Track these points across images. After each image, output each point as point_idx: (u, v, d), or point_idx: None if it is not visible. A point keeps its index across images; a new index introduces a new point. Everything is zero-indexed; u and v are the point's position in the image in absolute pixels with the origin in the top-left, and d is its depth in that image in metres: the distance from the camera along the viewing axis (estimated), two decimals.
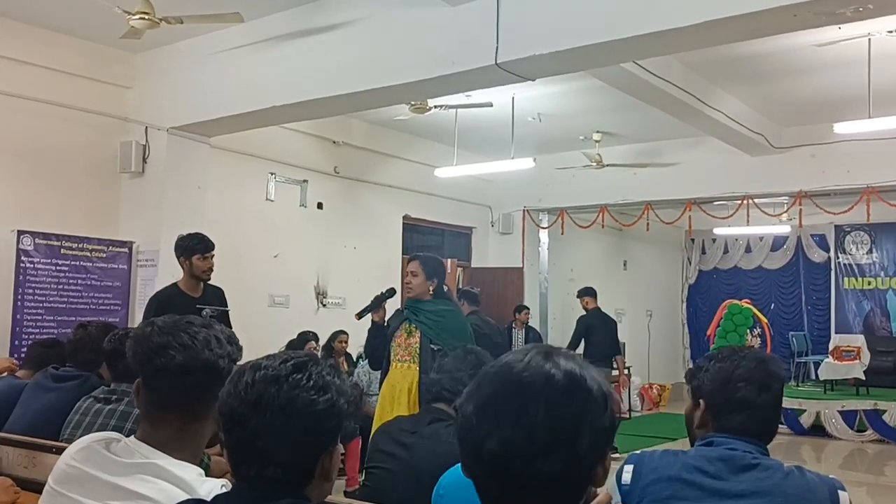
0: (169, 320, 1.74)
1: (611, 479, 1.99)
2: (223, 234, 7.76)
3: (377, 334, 4.70)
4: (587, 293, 9.67)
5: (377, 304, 4.68)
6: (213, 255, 5.02)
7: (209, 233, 7.30)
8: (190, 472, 1.58)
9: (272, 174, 8.64)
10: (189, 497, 1.49)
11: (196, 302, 4.85)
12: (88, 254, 6.78)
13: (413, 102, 7.75)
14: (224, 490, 1.49)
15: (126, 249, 7.05)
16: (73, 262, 6.68)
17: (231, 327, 3.17)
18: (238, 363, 1.74)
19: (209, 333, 1.70)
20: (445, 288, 4.78)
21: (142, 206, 7.12)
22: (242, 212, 8.27)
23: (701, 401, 2.02)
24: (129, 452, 1.61)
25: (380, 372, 4.79)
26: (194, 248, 4.96)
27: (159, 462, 1.58)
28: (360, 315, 4.70)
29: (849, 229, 13.57)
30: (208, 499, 1.42)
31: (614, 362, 9.51)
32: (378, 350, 4.70)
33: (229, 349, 1.70)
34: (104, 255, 6.90)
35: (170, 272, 6.87)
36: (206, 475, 1.65)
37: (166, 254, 6.91)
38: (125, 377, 2.74)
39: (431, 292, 4.59)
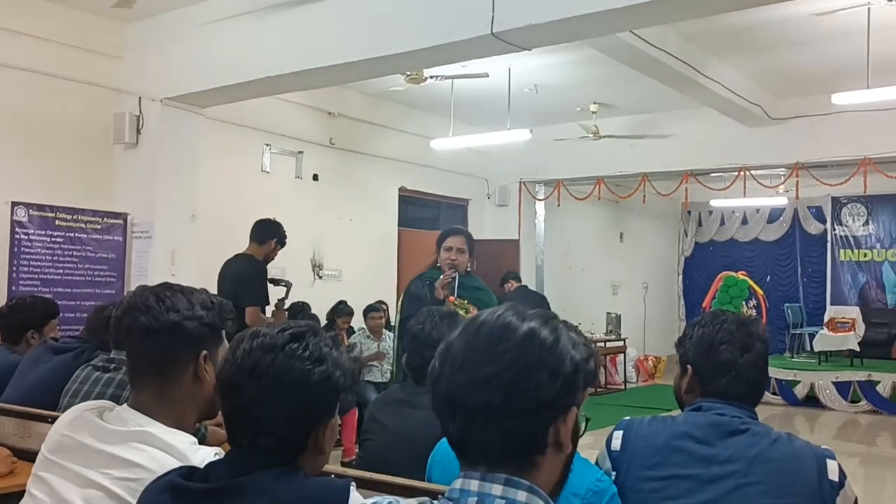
0: (151, 285, 1.75)
1: (601, 446, 2.01)
2: (218, 205, 7.77)
3: None
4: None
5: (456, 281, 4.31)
6: None
7: (204, 205, 7.35)
8: (183, 440, 1.58)
9: (267, 146, 8.60)
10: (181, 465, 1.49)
11: None
12: (83, 225, 6.76)
13: (408, 72, 7.69)
14: (217, 458, 1.49)
15: (121, 221, 7.02)
16: (67, 234, 6.66)
17: None
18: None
19: (183, 297, 1.69)
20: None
21: (136, 177, 7.08)
22: (237, 184, 8.24)
23: (688, 366, 2.03)
24: (122, 420, 1.61)
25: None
26: (283, 239, 5.72)
27: (151, 430, 1.58)
28: (453, 294, 4.25)
29: (845, 201, 13.58)
30: (201, 467, 1.42)
31: None
32: None
33: (201, 313, 1.69)
34: (99, 227, 6.87)
35: (165, 244, 6.89)
36: (203, 445, 1.65)
37: (161, 226, 6.91)
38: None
39: (468, 270, 4.42)
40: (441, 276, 4.28)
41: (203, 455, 1.54)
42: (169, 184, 6.98)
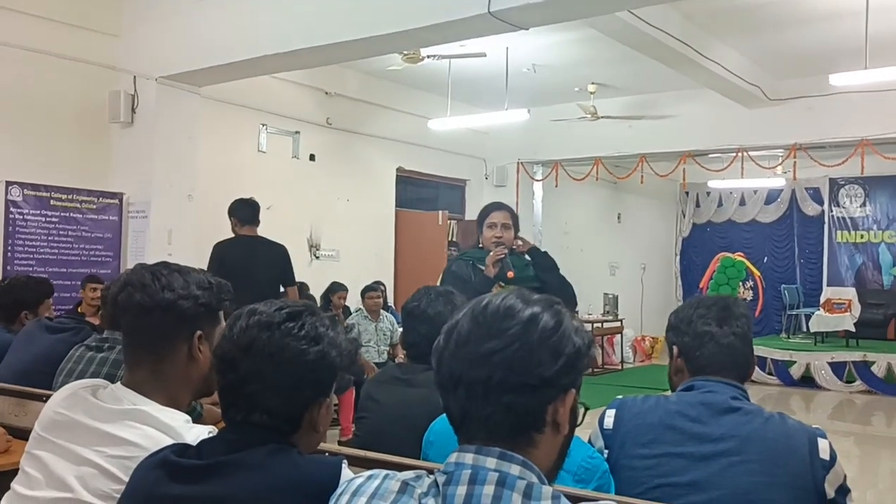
0: (149, 264, 1.75)
1: (594, 425, 2.02)
2: (215, 185, 7.74)
3: (486, 289, 3.86)
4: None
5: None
6: None
7: (201, 184, 7.33)
8: (177, 419, 1.58)
9: (264, 125, 8.56)
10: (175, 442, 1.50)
11: None
12: (78, 205, 6.74)
13: (405, 52, 7.65)
14: (211, 436, 1.49)
15: (116, 201, 7.00)
16: (62, 214, 6.64)
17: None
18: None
19: (179, 276, 1.69)
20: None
21: (132, 156, 7.05)
22: (234, 163, 8.22)
23: (674, 347, 2.06)
24: (116, 399, 1.61)
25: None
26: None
27: (145, 408, 1.58)
28: (511, 270, 3.89)
29: (843, 182, 13.56)
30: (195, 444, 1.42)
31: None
32: None
33: (198, 293, 1.68)
34: (94, 207, 6.86)
35: (161, 223, 6.88)
36: (199, 423, 1.66)
37: (157, 205, 6.90)
38: (118, 325, 2.75)
39: (515, 247, 4.02)
40: (490, 254, 3.91)
41: (197, 433, 1.54)
42: (165, 163, 6.95)
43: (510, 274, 3.83)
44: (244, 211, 5.70)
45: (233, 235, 5.74)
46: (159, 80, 6.92)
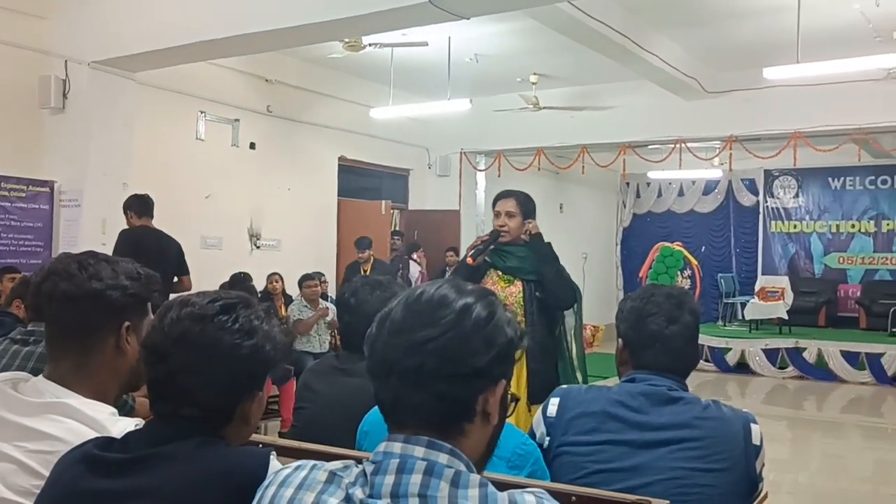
0: (75, 253, 1.70)
1: (536, 413, 2.05)
2: (152, 173, 7.57)
3: (469, 276, 3.74)
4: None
5: (490, 244, 3.84)
6: None
7: (136, 173, 7.15)
8: (102, 412, 1.54)
9: (202, 112, 8.40)
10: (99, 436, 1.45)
11: None
12: (7, 193, 6.53)
13: (347, 40, 7.57)
14: (137, 429, 1.45)
15: (47, 189, 6.80)
16: None
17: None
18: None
19: (107, 266, 1.64)
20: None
21: (64, 143, 6.85)
22: (171, 151, 8.05)
23: (620, 339, 2.08)
24: (38, 392, 1.55)
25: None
26: None
27: (69, 401, 1.53)
28: (474, 258, 3.81)
29: (777, 174, 13.93)
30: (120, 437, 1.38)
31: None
32: None
33: (126, 283, 1.64)
34: (24, 195, 6.64)
35: (95, 212, 6.71)
36: (132, 417, 1.61)
37: (91, 194, 6.72)
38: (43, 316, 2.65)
39: (526, 235, 3.86)
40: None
41: (123, 426, 1.49)
42: (99, 150, 6.77)
43: (469, 260, 3.79)
44: (139, 205, 6.03)
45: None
46: (92, 65, 6.72)
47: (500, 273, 3.82)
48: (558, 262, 3.84)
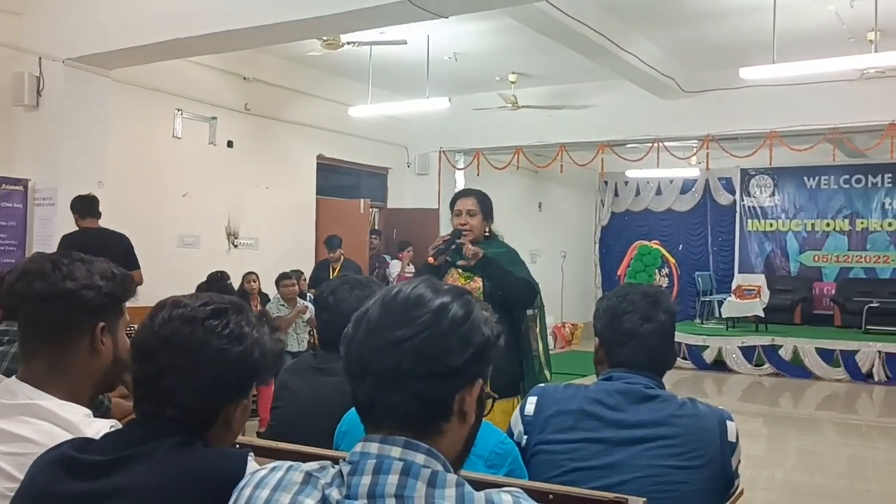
0: (49, 252, 1.68)
1: (514, 412, 2.05)
2: (127, 172, 7.52)
3: (431, 275, 3.75)
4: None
5: (451, 244, 3.84)
6: None
7: (112, 171, 7.09)
8: (76, 413, 1.52)
9: (179, 110, 8.33)
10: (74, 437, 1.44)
11: None
12: None
13: (325, 38, 7.55)
14: (114, 430, 1.44)
15: (21, 187, 6.72)
16: None
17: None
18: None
19: (82, 266, 1.62)
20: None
21: (38, 141, 6.77)
22: (148, 149, 7.98)
23: (596, 338, 2.10)
24: (11, 393, 1.54)
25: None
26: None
27: (43, 403, 1.51)
28: (435, 257, 3.82)
29: (753, 173, 14.05)
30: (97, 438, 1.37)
31: None
32: None
33: (101, 283, 1.62)
34: None
35: (70, 212, 6.61)
36: (107, 418, 1.60)
37: (65, 192, 6.64)
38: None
39: (487, 233, 3.95)
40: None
41: (98, 428, 1.48)
42: (73, 149, 6.70)
43: (430, 260, 3.79)
44: (82, 206, 6.02)
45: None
46: (67, 62, 6.65)
47: (461, 270, 3.84)
48: (519, 266, 3.87)
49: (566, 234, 15.33)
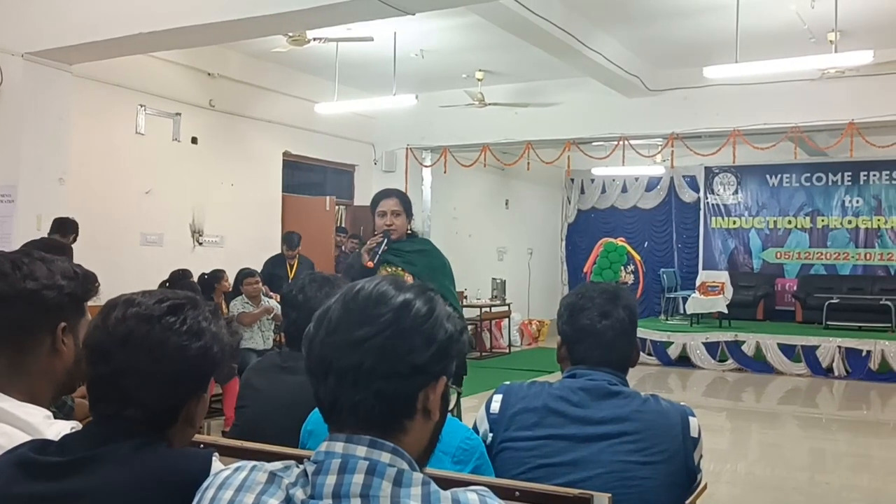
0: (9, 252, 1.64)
1: (480, 409, 2.06)
2: (89, 168, 7.41)
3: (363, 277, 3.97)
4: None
5: (384, 245, 3.94)
6: None
7: (74, 167, 6.98)
8: (35, 415, 1.49)
9: (142, 106, 8.22)
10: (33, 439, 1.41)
11: None
12: None
13: (291, 34, 7.49)
14: (75, 431, 1.42)
15: None
16: None
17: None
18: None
19: (43, 265, 1.59)
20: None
21: None
22: (110, 145, 7.87)
23: (559, 336, 2.11)
24: None
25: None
26: None
27: (1, 405, 1.48)
28: (372, 259, 3.90)
29: (717, 171, 14.23)
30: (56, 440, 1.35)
31: None
32: None
33: (62, 283, 1.60)
34: None
35: (30, 209, 6.53)
36: (70, 419, 1.57)
37: (25, 189, 6.54)
38: None
39: (409, 232, 4.08)
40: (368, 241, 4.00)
41: (58, 429, 1.46)
42: (34, 145, 6.58)
43: (369, 264, 3.84)
44: (62, 228, 6.05)
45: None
46: (26, 57, 6.53)
47: (390, 269, 3.91)
48: (441, 274, 3.96)
49: (533, 231, 15.40)
